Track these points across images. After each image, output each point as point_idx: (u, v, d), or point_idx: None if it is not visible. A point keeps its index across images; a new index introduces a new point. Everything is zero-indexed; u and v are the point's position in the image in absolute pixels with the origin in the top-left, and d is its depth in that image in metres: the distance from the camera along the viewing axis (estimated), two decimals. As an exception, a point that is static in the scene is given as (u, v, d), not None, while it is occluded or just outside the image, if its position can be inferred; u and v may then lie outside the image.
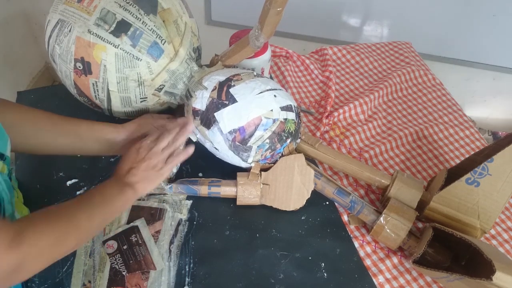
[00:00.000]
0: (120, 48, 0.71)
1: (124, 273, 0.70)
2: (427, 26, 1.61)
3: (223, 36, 1.04)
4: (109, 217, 0.64)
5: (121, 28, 0.71)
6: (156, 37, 0.73)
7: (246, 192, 0.78)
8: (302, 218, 0.81)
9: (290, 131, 0.76)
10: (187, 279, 0.71)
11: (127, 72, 0.73)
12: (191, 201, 0.81)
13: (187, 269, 0.72)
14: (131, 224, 0.76)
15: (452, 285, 0.67)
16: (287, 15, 0.71)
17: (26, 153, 0.86)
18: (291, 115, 0.76)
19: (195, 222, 0.79)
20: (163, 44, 0.74)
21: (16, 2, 1.84)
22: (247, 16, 1.23)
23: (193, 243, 0.76)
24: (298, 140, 0.80)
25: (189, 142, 0.81)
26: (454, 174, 0.76)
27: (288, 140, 0.76)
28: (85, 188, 0.81)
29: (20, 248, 0.48)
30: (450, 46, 1.66)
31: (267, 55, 0.93)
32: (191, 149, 0.72)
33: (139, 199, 0.80)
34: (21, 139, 0.66)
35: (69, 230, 0.55)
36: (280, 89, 0.77)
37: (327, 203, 0.83)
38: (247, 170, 0.79)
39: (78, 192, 0.81)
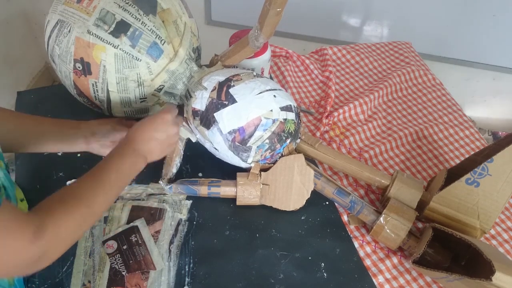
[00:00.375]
0: (120, 49, 0.71)
1: (124, 273, 0.70)
2: (427, 26, 1.61)
3: (223, 36, 1.04)
4: (122, 190, 0.66)
5: (121, 28, 0.71)
6: (156, 38, 0.73)
7: (246, 192, 0.78)
8: (302, 218, 0.81)
9: (290, 131, 0.76)
10: (187, 279, 0.71)
11: (127, 72, 0.73)
12: (191, 201, 0.81)
13: (187, 269, 0.73)
14: (131, 224, 0.76)
15: (452, 285, 0.67)
16: (287, 15, 0.71)
17: (26, 154, 0.86)
18: (291, 115, 0.75)
19: (195, 222, 0.79)
20: (163, 45, 0.74)
21: (16, 2, 1.84)
22: (247, 16, 1.23)
23: (193, 243, 0.76)
24: (298, 140, 0.80)
25: (188, 142, 0.81)
26: (454, 174, 0.76)
27: (288, 140, 0.76)
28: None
29: (43, 240, 0.49)
30: (450, 46, 1.66)
31: (267, 55, 0.93)
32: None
33: (139, 199, 0.80)
34: None
35: (88, 215, 0.57)
36: (279, 89, 0.77)
37: (327, 203, 0.83)
38: (247, 170, 0.79)
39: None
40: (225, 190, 0.79)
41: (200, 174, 0.85)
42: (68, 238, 0.54)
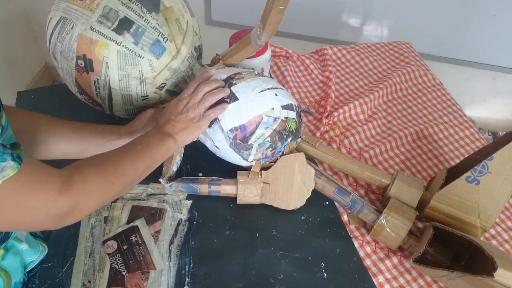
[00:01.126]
0: (123, 46, 0.71)
1: (124, 273, 0.70)
2: (427, 26, 1.61)
3: (223, 36, 1.04)
4: (152, 164, 0.66)
5: (124, 25, 0.71)
6: (159, 35, 0.73)
7: (247, 191, 0.78)
8: (302, 218, 0.81)
9: (291, 129, 0.76)
10: (187, 279, 0.71)
11: (129, 69, 0.73)
12: (191, 201, 0.81)
13: (187, 269, 0.72)
14: (131, 224, 0.76)
15: (453, 283, 0.67)
16: (287, 15, 0.71)
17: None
18: (292, 114, 0.76)
19: (195, 222, 0.79)
20: (165, 42, 0.74)
21: (16, 2, 1.84)
22: (247, 16, 1.23)
23: (193, 243, 0.76)
24: (299, 139, 0.80)
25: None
26: (454, 173, 0.76)
27: (289, 139, 0.76)
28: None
29: (71, 192, 0.50)
30: (450, 46, 1.66)
31: (267, 55, 0.93)
32: (226, 105, 0.73)
33: (139, 199, 0.80)
34: (24, 146, 0.66)
35: (115, 175, 0.58)
36: (281, 88, 0.77)
37: (327, 203, 0.83)
38: (247, 169, 0.79)
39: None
40: (225, 188, 0.79)
41: (200, 174, 0.85)
42: (96, 193, 0.55)
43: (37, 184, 0.47)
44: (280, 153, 0.78)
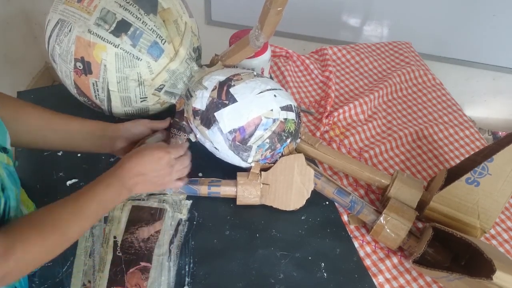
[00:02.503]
0: (120, 48, 0.71)
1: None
2: (427, 26, 1.61)
3: (223, 36, 1.04)
4: (100, 218, 0.66)
5: (121, 28, 0.71)
6: (156, 37, 0.73)
7: (246, 192, 0.78)
8: (302, 218, 0.81)
9: (290, 131, 0.76)
10: (187, 279, 0.71)
11: (127, 71, 0.73)
12: (191, 201, 0.81)
13: (187, 269, 0.72)
14: (131, 224, 0.76)
15: (452, 285, 0.67)
16: (287, 15, 0.71)
17: (25, 152, 0.86)
18: (291, 115, 0.76)
19: (195, 222, 0.79)
20: (163, 44, 0.74)
21: (16, 2, 1.84)
22: (247, 16, 1.23)
23: (193, 243, 0.76)
24: (298, 140, 0.80)
25: (189, 142, 0.81)
26: (454, 174, 0.76)
27: (288, 140, 0.76)
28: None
29: (9, 262, 0.48)
30: (450, 46, 1.66)
31: (267, 55, 0.93)
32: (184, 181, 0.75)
33: (139, 199, 0.80)
34: (13, 135, 0.65)
35: (61, 242, 0.56)
36: (280, 89, 0.77)
37: (327, 203, 0.83)
38: (247, 170, 0.79)
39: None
40: (225, 189, 0.79)
41: (200, 174, 0.85)
42: (35, 263, 0.53)
43: None
44: (280, 154, 0.78)
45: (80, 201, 0.59)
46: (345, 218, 0.82)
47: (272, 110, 0.73)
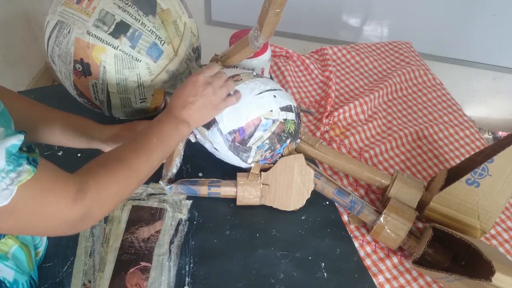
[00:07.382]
0: (119, 49, 0.71)
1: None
2: (427, 26, 1.61)
3: (223, 36, 1.04)
4: (166, 155, 0.66)
5: (120, 29, 0.71)
6: (155, 38, 0.73)
7: (246, 193, 0.78)
8: (302, 218, 0.81)
9: (290, 131, 0.76)
10: (187, 279, 0.71)
11: (127, 73, 0.73)
12: (191, 201, 0.81)
13: (187, 269, 0.73)
14: (131, 224, 0.76)
15: (452, 286, 0.67)
16: (287, 15, 0.71)
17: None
18: (291, 116, 0.76)
19: (195, 222, 0.79)
20: (163, 45, 0.74)
21: (16, 2, 1.84)
22: (247, 16, 1.23)
23: (193, 243, 0.76)
24: (298, 140, 0.80)
25: (188, 142, 0.81)
26: (454, 174, 0.76)
27: (288, 141, 0.76)
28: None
29: (85, 201, 0.49)
30: (450, 46, 1.66)
31: (267, 55, 0.93)
32: (240, 94, 0.72)
33: (139, 199, 0.80)
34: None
35: (130, 177, 0.57)
36: (279, 89, 0.77)
37: (327, 203, 0.83)
38: (247, 170, 0.79)
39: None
40: (225, 190, 0.79)
41: (200, 174, 0.85)
42: (111, 199, 0.54)
43: (52, 192, 0.47)
44: (280, 155, 0.78)
45: (140, 139, 0.61)
46: (345, 218, 0.82)
47: (271, 110, 0.73)
